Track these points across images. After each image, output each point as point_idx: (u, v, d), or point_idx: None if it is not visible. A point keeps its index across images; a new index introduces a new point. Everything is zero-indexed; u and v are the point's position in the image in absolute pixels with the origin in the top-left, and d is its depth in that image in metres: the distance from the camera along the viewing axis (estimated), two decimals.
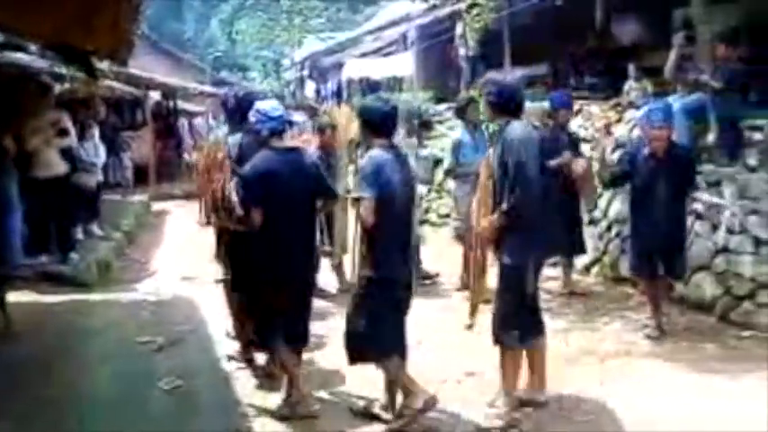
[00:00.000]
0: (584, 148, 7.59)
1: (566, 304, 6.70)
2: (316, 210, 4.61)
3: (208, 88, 21.81)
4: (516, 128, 4.27)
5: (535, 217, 4.18)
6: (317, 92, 21.91)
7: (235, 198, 4.42)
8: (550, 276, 6.95)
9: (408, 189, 4.29)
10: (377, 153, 4.18)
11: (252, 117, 4.47)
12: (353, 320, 4.24)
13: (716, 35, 7.62)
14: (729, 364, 5.13)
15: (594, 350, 5.53)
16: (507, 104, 4.37)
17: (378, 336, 4.16)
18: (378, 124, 4.27)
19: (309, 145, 6.82)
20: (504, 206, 4.16)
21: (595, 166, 6.77)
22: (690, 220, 6.19)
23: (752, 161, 7.17)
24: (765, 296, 5.74)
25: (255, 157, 4.39)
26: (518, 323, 4.28)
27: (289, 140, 4.90)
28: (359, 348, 4.24)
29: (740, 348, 5.48)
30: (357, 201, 4.17)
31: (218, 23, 35.15)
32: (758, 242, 5.88)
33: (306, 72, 23.52)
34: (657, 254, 5.67)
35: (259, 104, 4.52)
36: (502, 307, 4.30)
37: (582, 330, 5.99)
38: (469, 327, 4.58)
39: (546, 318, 4.68)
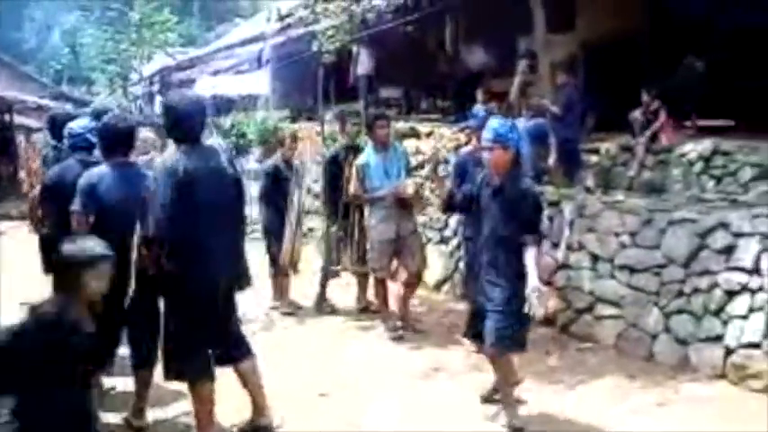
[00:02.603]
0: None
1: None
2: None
3: (48, 102, 20.56)
4: (182, 155, 3.98)
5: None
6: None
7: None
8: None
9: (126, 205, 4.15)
10: (96, 171, 4.32)
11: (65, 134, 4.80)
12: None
13: (556, 63, 8.10)
14: (570, 375, 5.38)
15: (445, 366, 5.64)
16: (177, 128, 4.07)
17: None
18: (112, 143, 4.38)
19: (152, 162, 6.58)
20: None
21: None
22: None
23: (589, 182, 7.65)
24: (603, 309, 6.07)
25: (53, 168, 4.80)
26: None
27: (134, 157, 4.75)
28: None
29: (580, 359, 5.75)
30: None
31: (61, 35, 33.36)
32: (596, 258, 6.23)
33: (155, 88, 22.76)
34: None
35: (71, 123, 4.84)
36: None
37: (432, 348, 6.10)
38: None
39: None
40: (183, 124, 4.07)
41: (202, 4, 32.05)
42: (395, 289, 6.72)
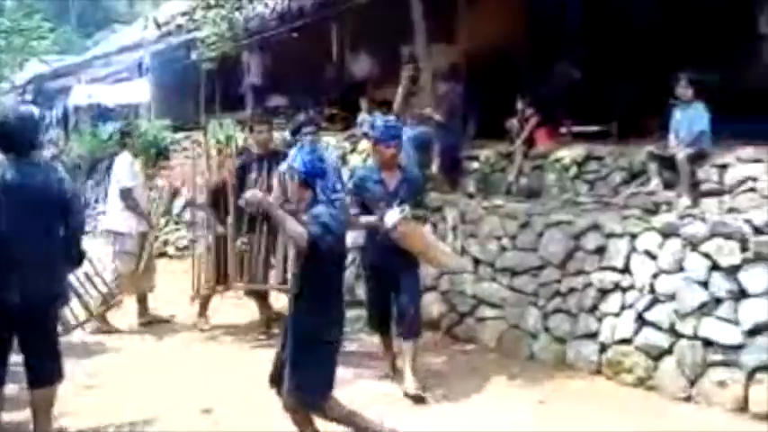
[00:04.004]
0: None
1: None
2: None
3: None
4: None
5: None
6: (42, 118, 20.21)
7: None
8: None
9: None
10: None
11: None
12: None
13: (437, 72, 8.25)
14: (454, 376, 5.47)
15: None
16: (4, 139, 4.06)
17: None
18: None
19: None
20: None
21: None
22: None
23: (471, 188, 7.83)
24: (485, 311, 6.22)
25: None
26: None
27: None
28: None
29: (463, 361, 5.85)
30: None
31: None
32: (477, 262, 6.37)
33: (29, 97, 21.63)
34: None
35: None
36: None
37: None
38: None
39: None
40: (12, 137, 4.03)
41: (80, 11, 30.79)
42: None
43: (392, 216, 4.76)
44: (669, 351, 4.99)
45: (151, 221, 7.20)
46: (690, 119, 6.43)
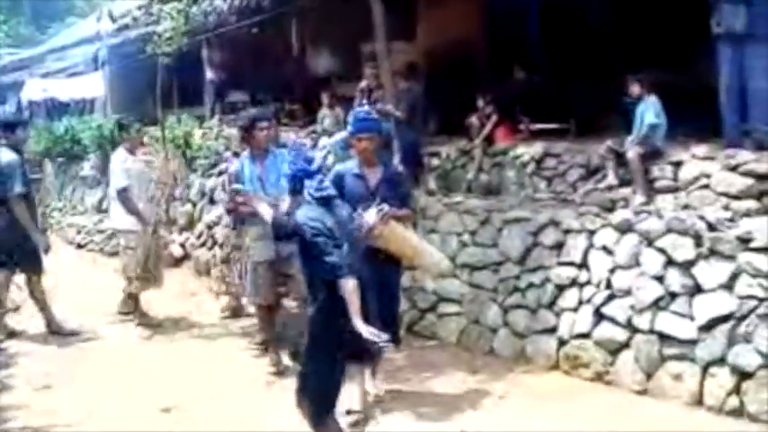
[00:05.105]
0: None
1: None
2: None
3: None
4: None
5: None
6: None
7: None
8: None
9: None
10: None
11: None
12: None
13: (397, 69, 8.24)
14: (415, 372, 5.49)
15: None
16: None
17: None
18: None
19: None
20: None
21: None
22: None
23: (431, 185, 7.85)
24: (445, 308, 6.24)
25: None
26: None
27: None
28: None
29: (425, 357, 5.87)
30: None
31: None
32: None
33: None
34: None
35: None
36: None
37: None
38: None
39: None
40: None
41: (34, 3, 30.07)
42: None
43: (369, 215, 4.46)
44: (626, 345, 5.07)
45: (145, 219, 7.03)
46: (641, 113, 6.54)
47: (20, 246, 6.49)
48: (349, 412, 4.54)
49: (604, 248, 5.37)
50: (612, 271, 5.27)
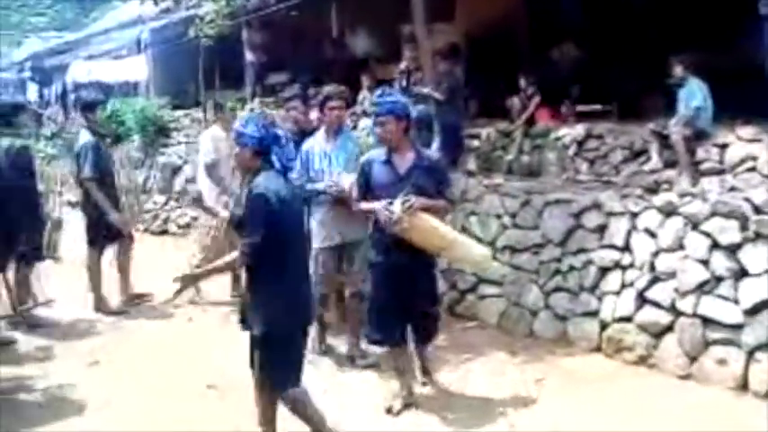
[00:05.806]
0: None
1: None
2: None
3: None
4: None
5: None
6: (41, 95, 20.18)
7: None
8: None
9: None
10: None
11: None
12: None
13: (436, 51, 8.22)
14: (455, 354, 5.50)
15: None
16: None
17: None
18: None
19: None
20: None
21: None
22: None
23: (471, 167, 7.84)
24: (486, 289, 6.25)
25: None
26: None
27: None
28: None
29: (465, 338, 5.88)
30: None
31: None
32: (479, 240, 6.37)
33: (27, 74, 21.55)
34: None
35: None
36: None
37: None
38: None
39: None
40: None
41: None
42: None
43: (395, 205, 4.23)
44: (669, 329, 5.02)
45: (229, 191, 6.84)
46: (686, 96, 6.43)
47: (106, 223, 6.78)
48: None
49: (648, 231, 5.32)
50: (656, 254, 5.21)
